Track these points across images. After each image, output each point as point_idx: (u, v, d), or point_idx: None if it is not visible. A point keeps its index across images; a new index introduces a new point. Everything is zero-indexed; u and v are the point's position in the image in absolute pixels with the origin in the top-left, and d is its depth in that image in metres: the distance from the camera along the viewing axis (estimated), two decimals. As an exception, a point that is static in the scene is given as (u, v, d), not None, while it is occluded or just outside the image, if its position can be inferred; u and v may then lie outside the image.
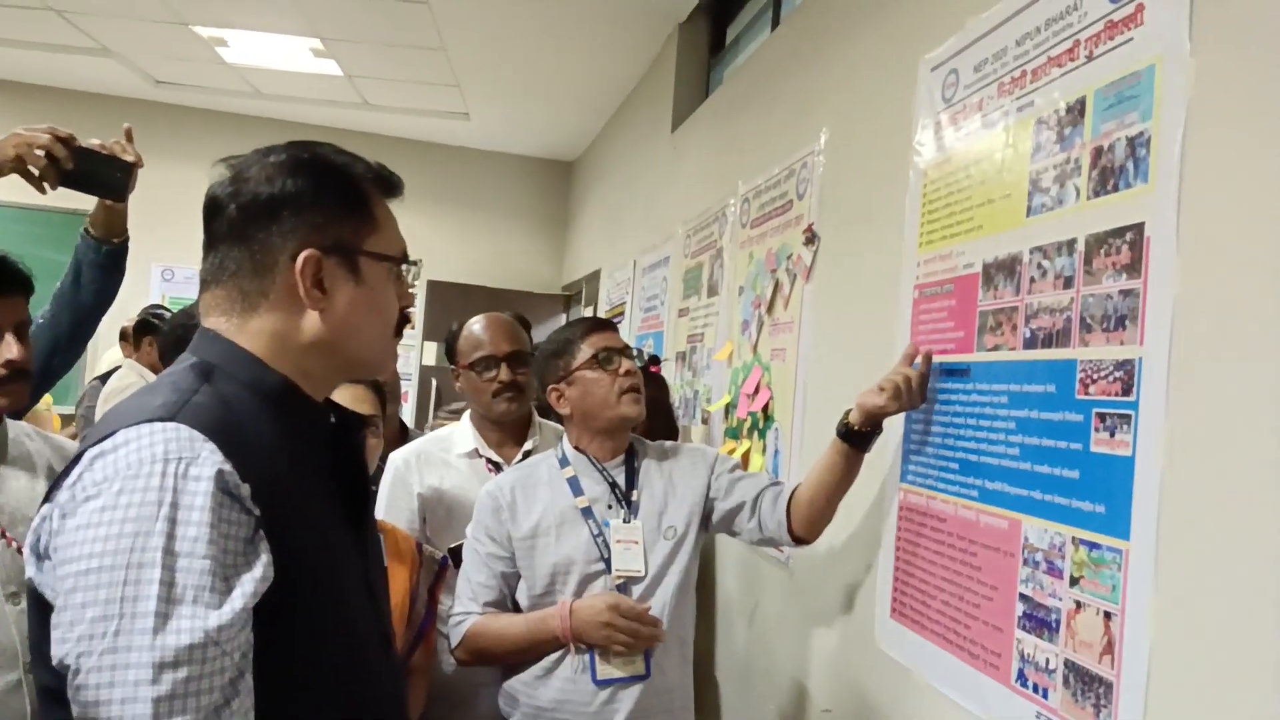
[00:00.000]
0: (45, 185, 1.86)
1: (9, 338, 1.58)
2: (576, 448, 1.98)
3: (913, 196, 1.93)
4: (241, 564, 0.92)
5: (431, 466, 2.24)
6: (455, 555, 2.02)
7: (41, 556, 0.93)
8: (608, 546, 1.87)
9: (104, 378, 4.42)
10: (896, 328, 1.94)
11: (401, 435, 2.54)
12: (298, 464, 1.05)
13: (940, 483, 1.73)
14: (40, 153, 1.83)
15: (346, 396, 1.77)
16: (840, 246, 2.33)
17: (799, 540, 1.92)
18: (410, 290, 1.18)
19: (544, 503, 1.91)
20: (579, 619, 1.79)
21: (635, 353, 1.98)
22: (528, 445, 2.27)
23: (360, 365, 1.16)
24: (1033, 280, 1.48)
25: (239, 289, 1.07)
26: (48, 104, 6.21)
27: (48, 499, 0.95)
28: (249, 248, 1.06)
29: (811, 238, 2.49)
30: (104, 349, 5.69)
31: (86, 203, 2.02)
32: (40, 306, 2.19)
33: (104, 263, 2.09)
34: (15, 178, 1.85)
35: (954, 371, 1.71)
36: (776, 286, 2.71)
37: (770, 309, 2.75)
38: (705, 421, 3.27)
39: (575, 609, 1.81)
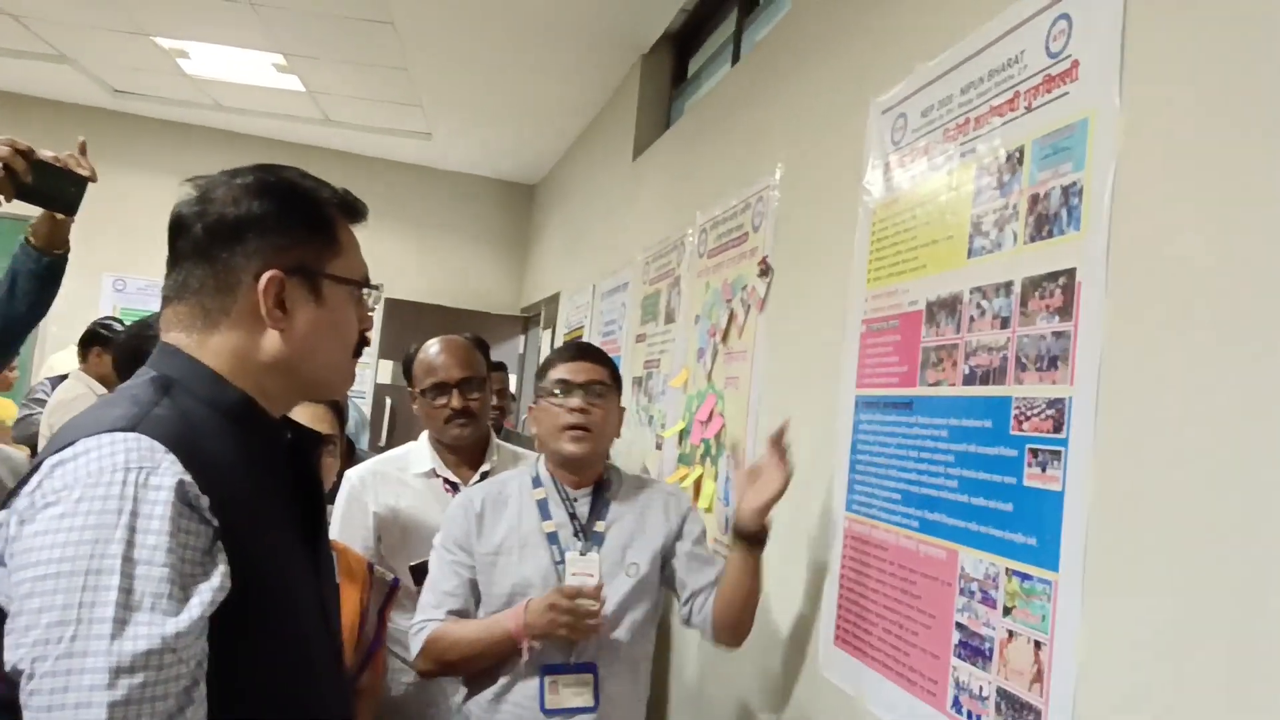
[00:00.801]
0: (1, 197, 1.85)
1: None
2: (549, 471, 1.99)
3: (862, 233, 1.98)
4: (200, 573, 0.93)
5: (388, 485, 2.24)
6: (417, 572, 2.03)
7: None
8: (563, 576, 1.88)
9: (57, 380, 4.41)
10: (844, 360, 1.99)
11: (349, 455, 2.55)
12: (256, 479, 1.07)
13: (883, 512, 1.78)
14: None
15: (306, 415, 1.79)
16: (793, 279, 2.39)
17: (725, 645, 1.96)
18: (370, 314, 1.21)
19: (510, 522, 1.91)
20: (530, 611, 1.78)
21: (600, 390, 1.95)
22: (485, 467, 2.29)
23: (318, 386, 1.19)
24: (972, 319, 1.54)
25: (201, 306, 1.09)
26: (6, 110, 6.13)
27: (5, 505, 0.96)
28: (213, 266, 1.09)
29: (765, 270, 2.54)
30: (51, 351, 5.66)
31: (22, 210, 1.99)
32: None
33: (42, 274, 2.07)
34: None
35: (897, 404, 1.76)
36: (731, 316, 2.76)
37: (725, 338, 2.80)
38: (659, 447, 3.31)
39: (529, 604, 1.79)
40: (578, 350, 2.03)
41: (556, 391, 1.94)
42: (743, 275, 2.71)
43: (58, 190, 1.93)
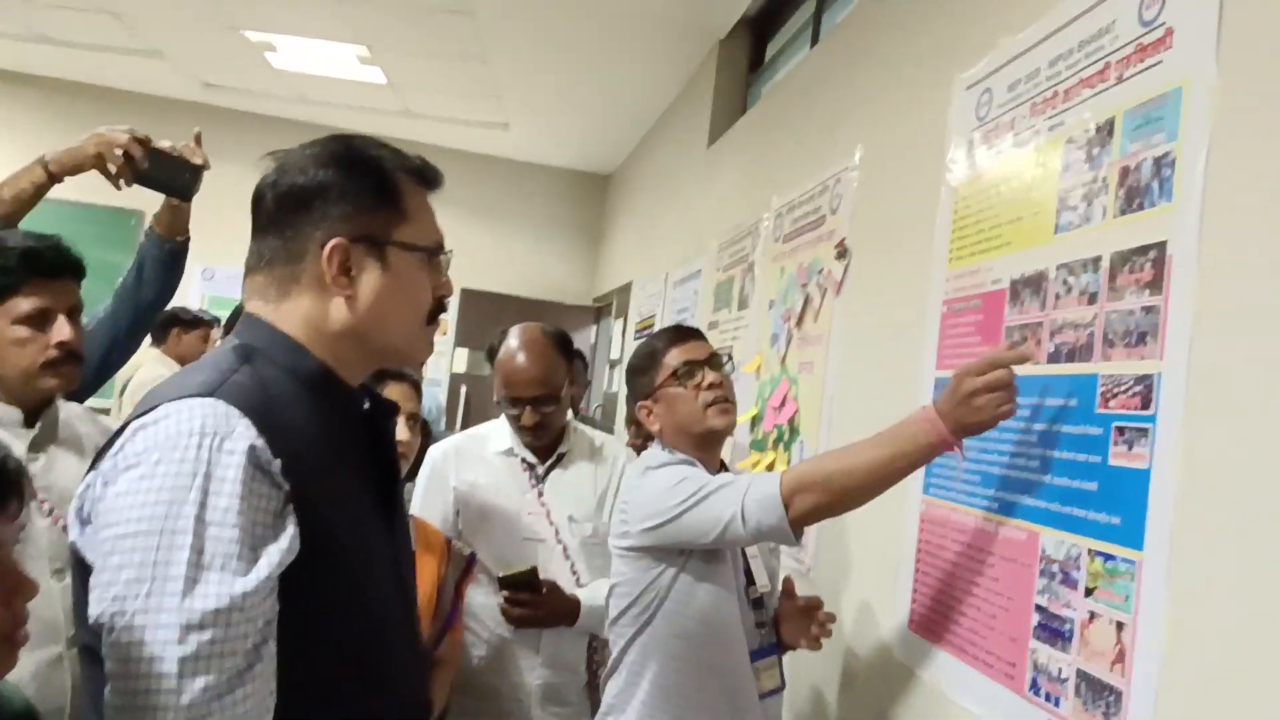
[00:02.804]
0: (120, 182, 1.99)
1: (61, 319, 1.64)
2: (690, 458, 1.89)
3: (943, 212, 1.95)
4: (269, 535, 0.96)
5: (468, 462, 2.27)
6: (504, 583, 2.06)
7: (84, 521, 0.98)
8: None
9: None
10: (924, 341, 1.97)
11: (423, 435, 2.59)
12: (330, 445, 1.09)
13: (961, 495, 1.75)
14: (119, 152, 1.95)
15: (389, 393, 1.81)
16: (871, 261, 2.36)
17: None
18: (446, 279, 1.20)
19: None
20: (949, 401, 1.44)
21: (724, 360, 1.91)
22: (561, 449, 2.30)
23: (391, 353, 1.19)
24: (1058, 296, 1.51)
25: (274, 275, 1.12)
26: (101, 105, 6.35)
27: (92, 467, 1.00)
28: (283, 236, 1.11)
29: (843, 252, 2.52)
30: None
31: (137, 202, 2.11)
32: (92, 302, 2.29)
33: (166, 260, 2.20)
34: (80, 176, 1.98)
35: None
36: (806, 300, 2.74)
37: (800, 322, 2.78)
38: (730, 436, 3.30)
39: (940, 410, 1.46)
40: (684, 331, 1.96)
41: (683, 371, 1.86)
42: (819, 259, 2.69)
43: (173, 177, 2.04)
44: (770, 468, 2.84)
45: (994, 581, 1.61)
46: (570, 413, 2.43)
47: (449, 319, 6.75)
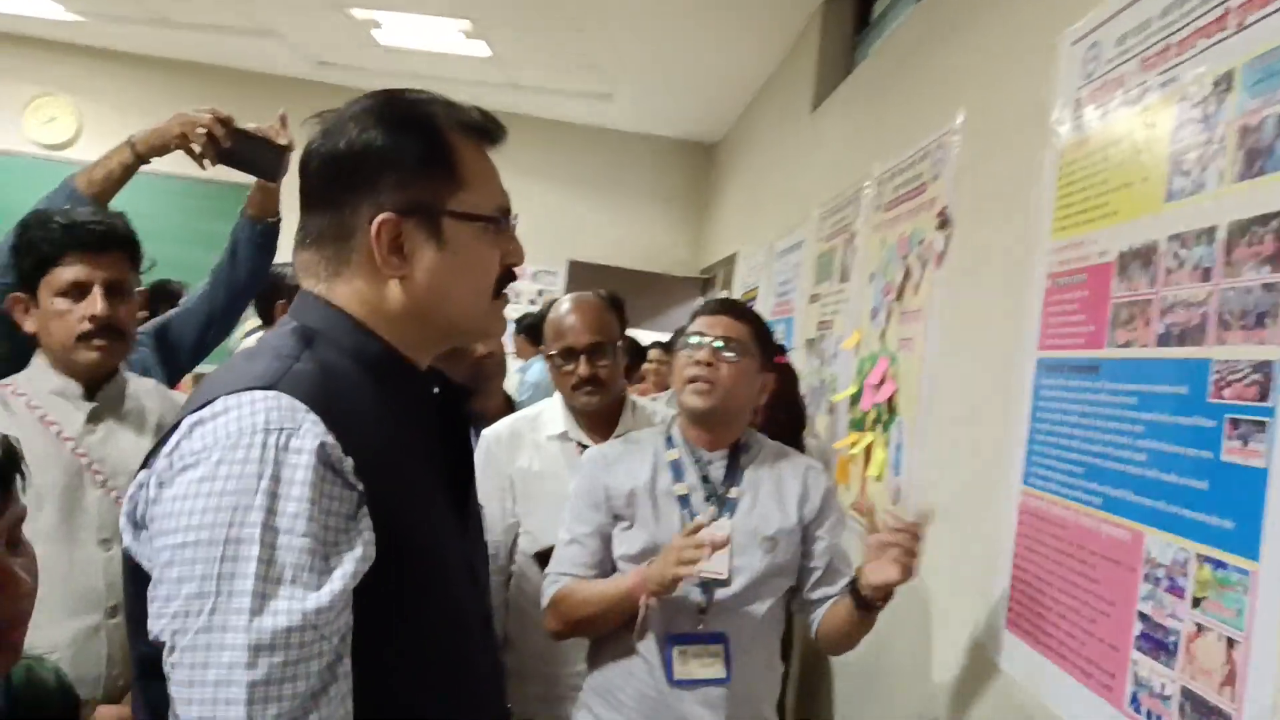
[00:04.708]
0: (205, 161, 2.03)
1: (96, 293, 1.66)
2: (682, 430, 1.91)
3: (1048, 179, 1.80)
4: (343, 542, 0.87)
5: (522, 447, 2.20)
6: (543, 559, 2.01)
7: (139, 525, 0.91)
8: None
9: None
10: (1025, 319, 1.83)
11: (508, 410, 2.55)
12: (401, 437, 0.99)
13: (1062, 487, 1.62)
14: (201, 131, 1.99)
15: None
16: (973, 232, 2.22)
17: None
18: (514, 246, 1.09)
19: (642, 481, 1.84)
20: (650, 566, 1.69)
21: (725, 342, 1.83)
22: (618, 431, 2.22)
23: (458, 332, 1.10)
24: (1169, 271, 1.36)
25: (322, 254, 1.02)
26: (220, 85, 6.54)
27: (145, 465, 0.92)
28: (328, 210, 1.01)
29: (944, 222, 2.37)
30: (247, 318, 6.04)
31: (250, 179, 2.15)
32: (197, 276, 2.37)
33: (258, 241, 2.24)
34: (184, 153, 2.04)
35: (1082, 368, 1.60)
36: (907, 273, 2.60)
37: (900, 296, 2.64)
38: (830, 412, 3.19)
39: (650, 561, 1.71)
40: (720, 305, 1.93)
41: (690, 342, 1.85)
42: (920, 229, 2.54)
43: (257, 157, 2.08)
44: (869, 450, 2.72)
45: (1094, 584, 1.48)
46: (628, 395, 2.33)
47: (556, 291, 6.79)
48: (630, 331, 2.68)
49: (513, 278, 1.09)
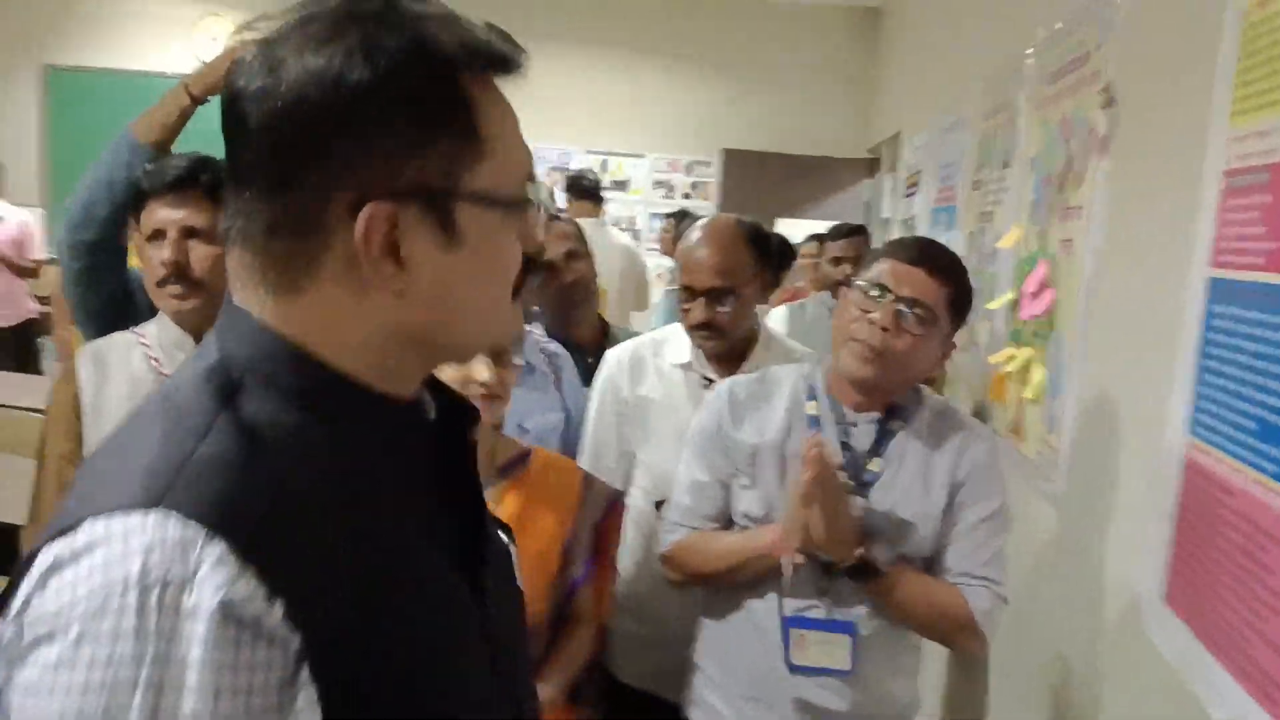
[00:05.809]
0: None
1: (170, 238, 1.61)
2: (829, 381, 1.65)
3: (1228, 46, 1.41)
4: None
5: (644, 373, 2.06)
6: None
7: None
8: None
9: None
10: (1197, 227, 1.47)
11: (603, 335, 2.38)
12: (373, 510, 0.72)
13: (1233, 444, 1.30)
14: None
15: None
16: (1141, 114, 1.82)
17: None
18: (535, 227, 0.84)
19: (770, 434, 1.62)
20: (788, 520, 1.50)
21: (913, 305, 1.52)
22: (745, 366, 2.00)
23: (465, 351, 0.90)
24: (1376, 177, 1.00)
25: (267, 256, 0.70)
26: None
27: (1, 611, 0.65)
28: (275, 191, 0.68)
29: (1109, 100, 1.97)
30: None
31: None
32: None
33: None
34: None
35: (1266, 293, 1.25)
36: (1069, 160, 2.21)
37: (1061, 188, 2.25)
38: (988, 319, 2.83)
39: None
40: (919, 252, 1.59)
41: (869, 293, 1.54)
42: (1082, 108, 2.14)
43: None
44: (1027, 367, 2.38)
45: (1266, 572, 1.18)
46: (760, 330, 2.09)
47: (712, 183, 6.46)
48: (790, 222, 2.42)
49: (530, 269, 0.80)
